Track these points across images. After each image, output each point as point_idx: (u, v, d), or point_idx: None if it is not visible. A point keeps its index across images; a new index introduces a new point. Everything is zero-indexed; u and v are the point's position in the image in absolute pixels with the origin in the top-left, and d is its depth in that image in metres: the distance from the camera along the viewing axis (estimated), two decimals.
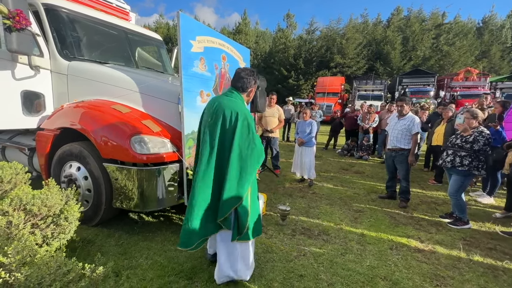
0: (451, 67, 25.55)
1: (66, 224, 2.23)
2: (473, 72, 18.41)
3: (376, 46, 28.18)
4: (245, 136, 1.93)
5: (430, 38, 26.97)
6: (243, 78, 2.04)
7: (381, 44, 27.77)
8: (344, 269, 2.46)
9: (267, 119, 5.50)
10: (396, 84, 19.98)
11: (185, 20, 2.68)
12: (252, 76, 2.07)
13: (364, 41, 28.06)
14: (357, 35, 27.99)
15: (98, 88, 3.18)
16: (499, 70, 26.62)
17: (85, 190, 2.90)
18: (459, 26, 28.33)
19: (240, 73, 2.07)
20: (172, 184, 2.82)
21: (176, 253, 2.56)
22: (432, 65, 26.09)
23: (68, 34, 3.41)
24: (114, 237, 2.82)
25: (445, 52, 26.38)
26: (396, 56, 26.45)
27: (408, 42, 27.33)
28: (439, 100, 16.57)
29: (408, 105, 4.19)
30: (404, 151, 4.06)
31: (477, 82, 17.55)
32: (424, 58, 26.67)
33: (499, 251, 2.94)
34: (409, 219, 3.69)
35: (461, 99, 15.29)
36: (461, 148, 3.41)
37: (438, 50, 26.79)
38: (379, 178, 5.64)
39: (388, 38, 27.46)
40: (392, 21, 29.94)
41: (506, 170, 3.78)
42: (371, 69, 26.94)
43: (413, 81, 19.48)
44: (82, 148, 2.90)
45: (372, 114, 7.94)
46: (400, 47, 26.83)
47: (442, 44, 26.77)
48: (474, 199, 4.55)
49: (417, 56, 26.69)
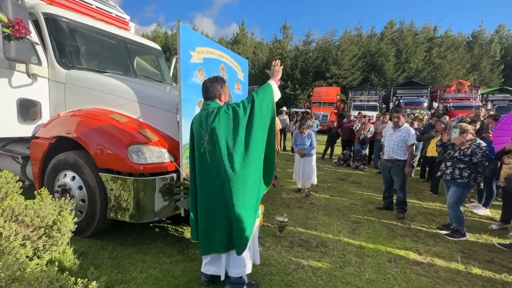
0: (443, 79, 26.16)
1: (58, 236, 2.17)
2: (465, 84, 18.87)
3: (370, 58, 28.82)
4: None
5: (423, 51, 27.72)
6: (209, 88, 2.14)
7: (375, 56, 28.42)
8: (343, 283, 2.42)
9: None
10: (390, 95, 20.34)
11: (185, 31, 2.71)
12: (216, 82, 2.16)
13: (359, 53, 28.69)
14: (352, 47, 28.63)
15: (96, 97, 3.16)
16: (489, 82, 27.32)
17: (79, 200, 2.84)
18: (450, 40, 29.23)
19: (206, 84, 2.17)
20: (169, 195, 2.78)
21: (171, 266, 2.50)
22: (424, 77, 26.68)
23: (67, 43, 3.41)
24: (108, 249, 2.74)
25: (437, 64, 27.09)
26: (390, 68, 27.04)
27: (401, 54, 28.01)
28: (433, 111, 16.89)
29: (404, 116, 4.25)
30: (400, 162, 4.09)
31: (469, 94, 17.97)
32: (417, 70, 27.31)
33: (497, 263, 2.93)
34: (407, 231, 3.68)
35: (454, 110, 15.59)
36: (460, 160, 3.44)
37: (430, 63, 27.49)
38: (376, 188, 5.65)
39: (382, 50, 28.14)
40: (386, 34, 30.78)
41: (502, 183, 3.83)
42: (366, 80, 27.43)
43: (407, 92, 19.87)
44: (78, 157, 2.85)
45: (367, 124, 8.03)
46: (393, 59, 27.47)
47: (434, 57, 27.51)
48: (470, 211, 4.57)
49: (410, 68, 27.33)
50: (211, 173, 2.04)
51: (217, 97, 2.15)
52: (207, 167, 2.05)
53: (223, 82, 2.20)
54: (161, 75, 4.83)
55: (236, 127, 1.96)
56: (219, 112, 1.99)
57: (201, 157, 2.08)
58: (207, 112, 2.05)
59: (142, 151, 2.65)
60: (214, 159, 2.01)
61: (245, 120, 1.98)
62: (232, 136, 1.95)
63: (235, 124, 1.96)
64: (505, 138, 4.13)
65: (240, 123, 1.96)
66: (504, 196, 4.08)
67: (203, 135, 2.02)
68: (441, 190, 5.03)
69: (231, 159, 1.93)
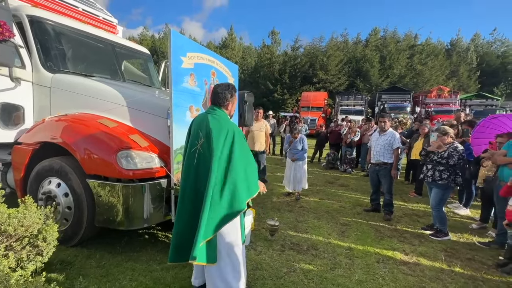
0: (425, 85, 27.27)
1: (43, 245, 2.09)
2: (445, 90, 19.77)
3: (356, 63, 29.67)
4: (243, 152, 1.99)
5: (405, 57, 28.84)
6: (219, 93, 2.10)
7: (360, 62, 29.29)
8: (334, 285, 2.46)
9: (254, 133, 5.56)
10: (375, 100, 21.00)
11: (176, 36, 2.72)
12: (227, 90, 2.12)
13: (345, 59, 29.48)
14: (338, 53, 29.39)
15: (84, 101, 3.09)
16: (467, 88, 28.73)
17: (65, 207, 2.75)
18: (430, 47, 30.64)
19: (216, 89, 2.13)
20: (159, 201, 2.74)
21: (162, 273, 2.46)
22: (407, 82, 27.71)
23: (53, 46, 3.33)
24: (95, 257, 2.66)
25: (418, 70, 28.23)
26: (375, 74, 27.92)
27: (385, 60, 29.01)
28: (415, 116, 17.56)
29: (390, 121, 4.41)
30: (387, 165, 4.24)
31: (449, 99, 18.85)
32: (400, 76, 28.34)
33: (477, 261, 3.07)
34: (393, 232, 3.79)
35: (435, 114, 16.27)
36: (439, 163, 3.61)
37: (412, 69, 28.62)
38: (364, 191, 5.79)
39: (367, 57, 29.06)
40: (370, 41, 31.84)
41: (480, 184, 4.03)
42: (352, 85, 28.18)
43: (391, 97, 20.59)
44: (64, 164, 2.77)
45: (353, 128, 8.26)
46: (378, 65, 28.40)
47: (415, 63, 28.67)
48: (452, 211, 4.77)
49: (393, 74, 28.32)
50: (198, 175, 2.01)
51: (224, 106, 2.12)
52: (194, 168, 2.03)
53: (234, 92, 2.17)
54: (150, 79, 4.78)
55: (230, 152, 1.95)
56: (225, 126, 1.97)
57: (190, 156, 2.06)
58: (211, 116, 2.04)
59: (132, 156, 2.61)
60: (203, 162, 1.99)
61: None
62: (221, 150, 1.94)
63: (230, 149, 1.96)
64: (482, 141, 4.36)
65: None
66: (483, 197, 4.30)
67: (200, 137, 2.02)
68: (425, 191, 5.23)
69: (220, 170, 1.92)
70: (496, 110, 16.14)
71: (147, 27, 42.34)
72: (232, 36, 37.38)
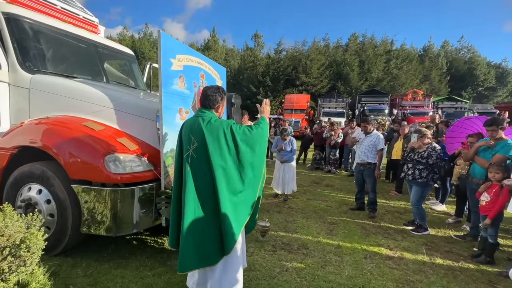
0: (401, 88, 28.69)
1: (27, 255, 1.97)
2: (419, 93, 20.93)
3: (336, 67, 30.61)
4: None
5: (382, 62, 30.19)
6: (210, 95, 2.12)
7: (341, 66, 30.26)
8: (326, 281, 2.54)
9: None
10: (356, 102, 21.77)
11: (165, 38, 2.69)
12: (218, 93, 2.15)
13: (327, 62, 30.34)
14: (319, 57, 30.20)
15: (66, 103, 2.96)
16: (438, 91, 30.58)
17: (47, 215, 2.61)
18: (405, 52, 32.34)
19: (207, 91, 2.15)
20: (148, 205, 2.68)
21: (154, 279, 2.41)
22: (384, 85, 29.00)
23: (31, 46, 3.17)
24: (81, 266, 2.55)
25: (394, 74, 29.68)
26: (355, 77, 28.96)
27: (364, 64, 30.18)
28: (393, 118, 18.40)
29: (371, 124, 4.61)
30: (371, 165, 4.42)
31: (423, 102, 19.95)
32: (378, 80, 29.60)
33: (455, 253, 3.29)
34: (378, 229, 3.96)
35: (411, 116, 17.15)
36: (419, 162, 3.83)
37: (389, 73, 30.02)
38: (348, 190, 5.98)
39: (347, 61, 30.08)
40: (350, 46, 33.03)
41: (455, 181, 4.32)
42: (333, 88, 29.01)
43: (370, 100, 21.42)
44: (46, 168, 2.64)
45: (336, 130, 8.51)
46: (357, 69, 29.49)
47: (392, 67, 30.12)
48: (430, 207, 5.06)
49: (372, 78, 29.54)
50: (196, 179, 2.01)
51: (214, 108, 2.13)
52: (190, 173, 2.02)
53: (224, 94, 2.19)
54: (135, 81, 4.67)
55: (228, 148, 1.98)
56: (219, 127, 1.98)
57: (184, 162, 2.06)
58: (201, 119, 2.04)
59: (120, 160, 2.54)
60: (197, 167, 2.00)
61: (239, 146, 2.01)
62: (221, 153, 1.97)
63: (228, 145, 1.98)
64: (456, 140, 4.67)
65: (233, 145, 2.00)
66: (457, 193, 4.60)
67: (192, 141, 2.01)
68: (405, 189, 5.51)
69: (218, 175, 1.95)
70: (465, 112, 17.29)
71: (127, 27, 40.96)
72: (214, 38, 37.22)
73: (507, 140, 3.32)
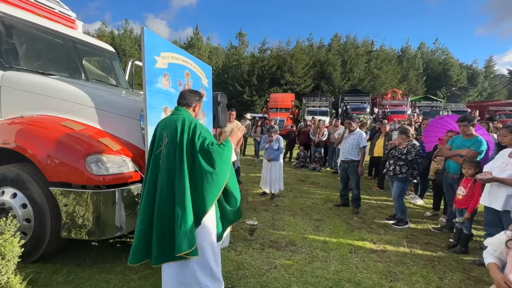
0: (381, 87, 29.74)
1: (2, 263, 1.86)
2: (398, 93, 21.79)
3: (320, 67, 31.19)
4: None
5: (363, 62, 31.14)
6: (187, 95, 2.16)
7: (324, 65, 30.86)
8: (313, 277, 2.59)
9: (227, 134, 5.54)
10: (339, 101, 22.31)
11: (149, 35, 2.61)
12: (195, 93, 2.20)
13: (311, 62, 30.81)
14: (304, 56, 30.62)
15: (42, 102, 2.81)
16: (416, 91, 32.00)
17: (22, 220, 2.47)
18: (385, 53, 33.54)
19: (185, 92, 2.19)
20: (133, 207, 2.61)
21: (140, 282, 2.35)
22: (366, 85, 29.93)
23: (2, 41, 2.96)
24: (62, 273, 2.44)
25: (375, 74, 30.69)
26: (337, 77, 29.65)
27: (346, 64, 30.96)
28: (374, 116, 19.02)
29: (355, 122, 4.75)
30: (355, 162, 4.55)
31: (402, 101, 20.80)
32: (360, 79, 30.50)
33: (433, 244, 3.47)
34: (362, 224, 4.09)
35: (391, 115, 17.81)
36: (399, 159, 3.99)
37: (370, 73, 31.01)
38: (333, 187, 6.12)
39: (330, 60, 30.72)
40: (333, 46, 33.75)
41: (432, 176, 4.54)
42: (317, 87, 29.54)
43: (352, 99, 22.03)
44: (20, 171, 2.49)
45: (321, 128, 8.68)
46: (340, 68, 30.20)
47: (372, 67, 31.12)
48: (410, 201, 5.29)
49: (354, 77, 30.38)
50: (164, 176, 1.95)
51: (191, 107, 2.14)
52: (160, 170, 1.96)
53: (201, 98, 2.23)
54: (116, 79, 4.50)
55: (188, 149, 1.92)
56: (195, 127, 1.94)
57: (155, 158, 2.01)
58: (176, 117, 2.02)
59: (103, 161, 2.45)
60: (167, 163, 1.95)
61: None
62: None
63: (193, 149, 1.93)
64: (432, 138, 4.92)
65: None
66: (434, 188, 4.84)
67: (164, 138, 1.98)
68: (386, 185, 5.72)
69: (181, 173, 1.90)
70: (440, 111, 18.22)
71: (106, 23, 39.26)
72: (198, 36, 36.66)
73: (478, 136, 3.54)
